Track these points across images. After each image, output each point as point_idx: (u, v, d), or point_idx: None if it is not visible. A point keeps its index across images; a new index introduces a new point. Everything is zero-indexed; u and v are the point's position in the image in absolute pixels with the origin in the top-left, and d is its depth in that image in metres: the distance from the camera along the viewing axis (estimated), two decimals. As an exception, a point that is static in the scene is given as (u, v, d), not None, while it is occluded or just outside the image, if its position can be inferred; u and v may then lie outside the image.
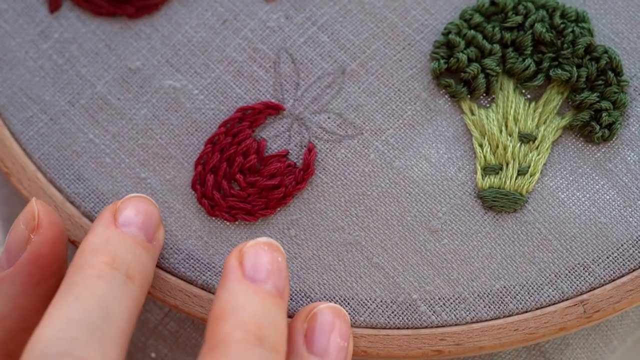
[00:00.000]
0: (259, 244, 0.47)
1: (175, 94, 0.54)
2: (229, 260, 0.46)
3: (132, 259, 0.46)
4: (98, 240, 0.46)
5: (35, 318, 0.46)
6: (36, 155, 0.54)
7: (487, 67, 0.53)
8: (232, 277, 0.45)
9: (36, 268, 0.47)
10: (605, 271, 0.51)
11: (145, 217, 0.48)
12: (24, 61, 0.55)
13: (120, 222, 0.48)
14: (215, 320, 0.44)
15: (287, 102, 0.54)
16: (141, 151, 0.54)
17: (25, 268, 0.47)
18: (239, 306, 0.44)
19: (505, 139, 0.53)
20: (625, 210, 0.52)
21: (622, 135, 0.53)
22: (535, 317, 0.51)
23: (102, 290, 0.43)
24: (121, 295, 0.44)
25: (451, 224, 0.52)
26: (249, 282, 0.45)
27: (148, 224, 0.49)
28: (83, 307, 0.43)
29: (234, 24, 0.55)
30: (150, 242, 0.48)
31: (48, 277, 0.48)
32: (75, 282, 0.44)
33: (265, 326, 0.44)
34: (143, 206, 0.49)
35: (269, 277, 0.46)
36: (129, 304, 0.44)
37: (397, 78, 0.54)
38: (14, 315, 0.46)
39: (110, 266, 0.45)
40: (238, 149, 0.53)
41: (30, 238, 0.48)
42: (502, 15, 0.53)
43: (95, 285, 0.43)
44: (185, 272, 0.53)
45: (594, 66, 0.53)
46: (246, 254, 0.46)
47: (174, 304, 0.52)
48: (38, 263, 0.47)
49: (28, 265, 0.47)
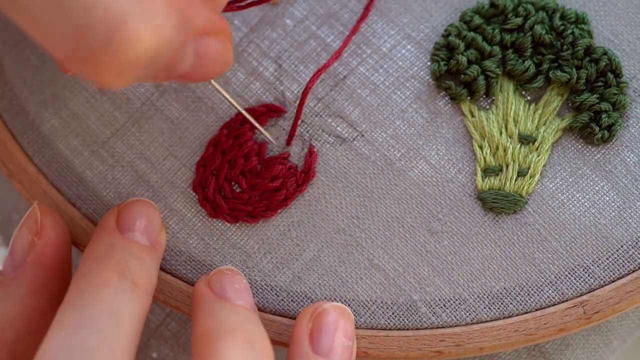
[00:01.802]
0: (221, 271, 0.50)
1: (177, 95, 0.54)
2: (197, 288, 0.48)
3: (136, 265, 0.46)
4: (102, 247, 0.46)
5: (42, 320, 0.47)
6: (37, 157, 0.54)
7: (487, 69, 0.53)
8: (207, 299, 0.47)
9: (41, 270, 0.47)
10: (605, 272, 0.51)
11: (147, 222, 0.49)
12: (25, 62, 0.55)
13: (123, 227, 0.48)
14: (200, 338, 0.45)
15: (289, 104, 0.54)
16: (142, 152, 0.54)
17: (31, 270, 0.47)
18: (221, 320, 0.46)
19: (505, 140, 0.53)
20: (625, 211, 0.52)
21: (622, 136, 0.53)
22: (535, 318, 0.51)
23: (109, 298, 0.44)
24: (128, 301, 0.44)
25: (451, 225, 0.52)
26: (223, 301, 0.48)
27: (150, 228, 0.49)
28: (91, 313, 0.43)
29: (235, 25, 0.55)
30: (154, 246, 0.48)
31: (53, 279, 0.48)
32: (83, 290, 0.44)
33: (252, 332, 0.45)
34: (145, 210, 0.49)
35: (239, 294, 0.48)
36: (136, 309, 0.44)
37: (398, 79, 0.54)
38: (21, 317, 0.46)
39: (116, 273, 0.45)
40: (239, 151, 0.53)
41: (34, 242, 0.48)
42: (502, 17, 0.54)
43: (102, 292, 0.44)
44: (186, 274, 0.53)
45: (594, 68, 0.53)
46: (212, 280, 0.49)
47: (175, 305, 0.52)
48: (43, 265, 0.48)
49: (33, 268, 0.47)
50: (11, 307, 0.46)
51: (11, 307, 0.46)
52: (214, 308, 0.47)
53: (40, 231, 0.48)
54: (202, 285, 0.48)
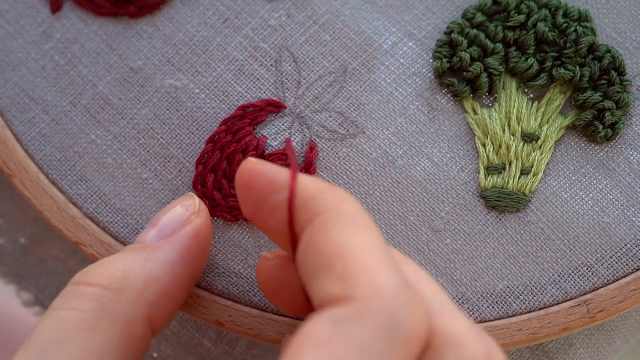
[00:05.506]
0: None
1: (177, 93, 0.54)
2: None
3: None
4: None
5: (183, 292, 0.48)
6: (38, 156, 0.54)
7: (490, 66, 0.53)
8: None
9: (195, 244, 0.49)
10: (609, 271, 0.51)
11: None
12: (26, 62, 0.55)
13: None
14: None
15: (288, 100, 0.54)
16: (142, 151, 0.54)
17: (185, 240, 0.49)
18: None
19: (508, 138, 0.52)
20: (629, 209, 0.52)
21: (625, 134, 0.53)
22: (539, 317, 0.51)
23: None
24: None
25: (454, 223, 0.52)
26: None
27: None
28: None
29: (235, 23, 0.55)
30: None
31: (201, 258, 0.49)
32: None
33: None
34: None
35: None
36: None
37: (399, 77, 0.53)
38: (165, 280, 0.47)
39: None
40: (238, 147, 0.53)
41: (190, 219, 0.50)
42: (505, 15, 0.53)
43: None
44: (187, 272, 0.53)
45: (597, 65, 0.53)
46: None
47: (175, 304, 0.52)
48: (197, 239, 0.49)
49: (188, 238, 0.49)
50: (158, 268, 0.48)
51: (158, 267, 0.48)
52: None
53: (198, 212, 0.50)
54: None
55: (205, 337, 0.57)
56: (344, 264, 0.40)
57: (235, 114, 0.53)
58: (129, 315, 0.46)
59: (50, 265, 0.59)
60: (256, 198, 0.44)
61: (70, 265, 0.58)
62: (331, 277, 0.40)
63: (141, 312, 0.46)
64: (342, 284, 0.39)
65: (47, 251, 0.59)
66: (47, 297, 0.59)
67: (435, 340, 0.40)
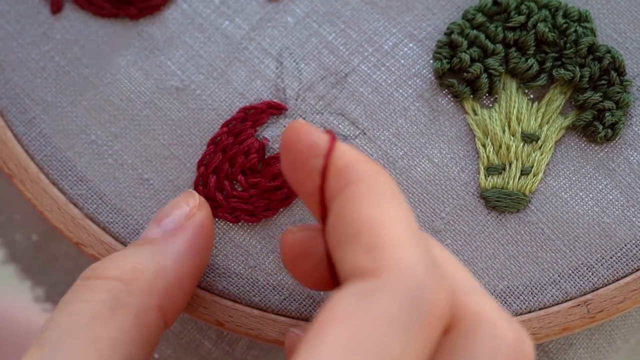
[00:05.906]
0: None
1: (178, 94, 0.54)
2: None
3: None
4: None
5: (191, 283, 0.49)
6: (39, 156, 0.54)
7: (490, 67, 0.53)
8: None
9: (199, 236, 0.49)
10: (609, 271, 0.51)
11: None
12: (26, 62, 0.55)
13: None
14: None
15: (290, 101, 0.54)
16: (143, 152, 0.54)
17: (190, 232, 0.49)
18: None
19: (508, 139, 0.53)
20: (629, 210, 0.52)
21: (625, 135, 0.53)
22: (539, 317, 0.51)
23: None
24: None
25: (454, 224, 0.52)
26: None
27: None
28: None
29: (235, 23, 0.54)
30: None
31: (205, 251, 0.50)
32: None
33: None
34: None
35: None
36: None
37: (400, 78, 0.53)
38: (174, 270, 0.48)
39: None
40: (240, 149, 0.53)
41: (193, 212, 0.50)
42: (505, 15, 0.53)
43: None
44: (188, 273, 0.53)
45: (597, 66, 0.53)
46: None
47: (176, 305, 0.52)
48: (202, 232, 0.50)
49: (193, 231, 0.49)
50: (166, 260, 0.48)
51: (166, 259, 0.48)
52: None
53: (199, 206, 0.51)
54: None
55: (206, 338, 0.57)
56: (371, 237, 0.40)
57: (237, 116, 0.53)
58: (141, 304, 0.46)
59: (60, 263, 0.59)
60: (295, 160, 0.44)
61: (80, 263, 0.58)
62: (358, 248, 0.40)
63: (153, 302, 0.46)
64: (368, 257, 0.39)
65: (58, 248, 0.59)
66: (58, 294, 0.59)
67: (466, 319, 0.40)
